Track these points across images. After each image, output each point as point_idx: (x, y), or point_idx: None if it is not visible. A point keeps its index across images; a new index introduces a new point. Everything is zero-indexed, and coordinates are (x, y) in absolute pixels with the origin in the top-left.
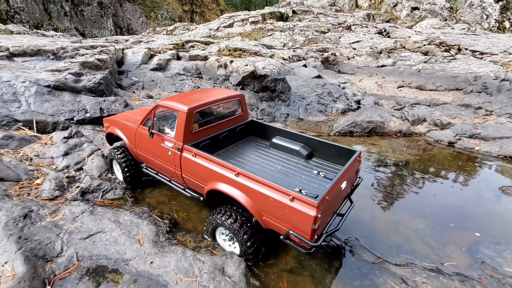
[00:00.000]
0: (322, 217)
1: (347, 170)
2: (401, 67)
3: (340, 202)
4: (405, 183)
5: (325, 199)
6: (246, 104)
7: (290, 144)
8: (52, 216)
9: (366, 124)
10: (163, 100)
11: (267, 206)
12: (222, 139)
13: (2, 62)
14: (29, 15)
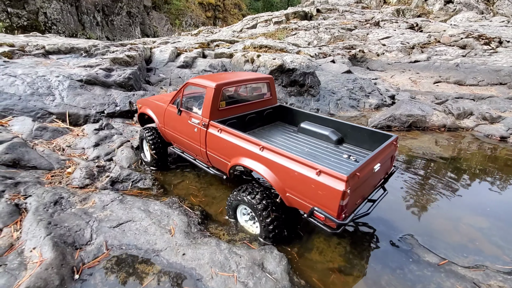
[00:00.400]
0: (351, 197)
1: (382, 151)
2: (436, 61)
3: (372, 186)
4: (459, 179)
5: (355, 175)
6: (275, 88)
7: (319, 129)
8: (82, 204)
9: (405, 117)
10: (193, 78)
11: (292, 181)
12: (248, 121)
13: (38, 59)
14: (65, 25)
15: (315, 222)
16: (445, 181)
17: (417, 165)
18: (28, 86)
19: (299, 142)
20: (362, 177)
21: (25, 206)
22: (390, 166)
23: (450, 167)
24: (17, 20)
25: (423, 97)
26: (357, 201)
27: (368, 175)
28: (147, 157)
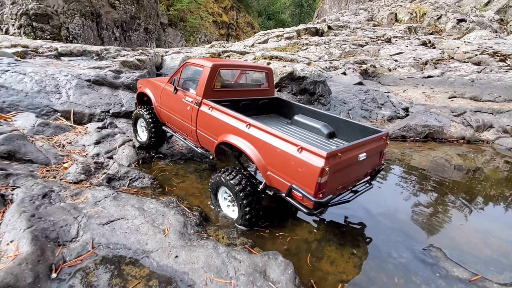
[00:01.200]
0: (331, 177)
1: (369, 142)
2: (451, 77)
3: (356, 175)
4: (485, 191)
5: (337, 155)
6: (273, 80)
7: (311, 122)
8: (73, 199)
9: (421, 128)
10: (192, 58)
11: (274, 159)
12: (242, 107)
13: (50, 60)
14: (85, 40)
15: (292, 202)
16: (470, 192)
17: (438, 175)
18: (36, 84)
19: (291, 133)
20: (343, 161)
21: (12, 197)
22: (379, 163)
23: (474, 179)
24: (41, 34)
25: (438, 110)
26: (338, 186)
27: (351, 161)
28: (141, 138)
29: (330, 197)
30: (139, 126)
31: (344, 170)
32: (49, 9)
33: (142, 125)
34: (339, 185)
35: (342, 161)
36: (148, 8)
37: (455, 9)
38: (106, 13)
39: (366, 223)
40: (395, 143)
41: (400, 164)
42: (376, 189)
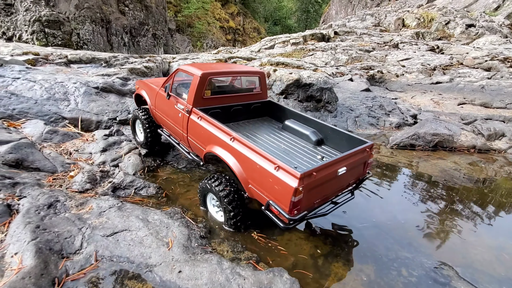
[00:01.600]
0: (307, 195)
1: (349, 156)
2: (460, 83)
3: (337, 188)
4: (498, 204)
5: (312, 175)
6: (266, 83)
7: (301, 128)
8: (78, 209)
9: (430, 136)
10: (184, 65)
11: (254, 173)
12: (233, 112)
13: (60, 67)
14: (95, 45)
15: (270, 215)
16: (482, 204)
17: (448, 186)
18: (46, 91)
19: (280, 139)
20: (320, 178)
21: (17, 207)
22: (363, 172)
23: (486, 191)
24: (52, 40)
25: (447, 117)
26: (316, 200)
27: (330, 177)
28: (139, 138)
29: (304, 214)
30: (137, 127)
31: (322, 186)
32: (61, 15)
33: (139, 126)
34: (316, 200)
35: (318, 179)
36: (157, 14)
37: (463, 14)
38: (116, 19)
39: (375, 237)
40: (404, 152)
41: (408, 174)
42: (385, 201)
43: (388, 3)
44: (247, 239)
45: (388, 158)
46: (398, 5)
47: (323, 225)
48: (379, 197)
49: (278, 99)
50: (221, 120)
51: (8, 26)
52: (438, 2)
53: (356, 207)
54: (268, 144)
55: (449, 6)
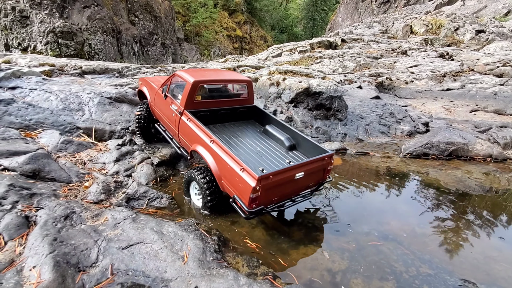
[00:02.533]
0: (265, 193)
1: (308, 163)
2: (472, 90)
3: (295, 189)
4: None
5: (269, 177)
6: (253, 90)
7: (278, 134)
8: (93, 220)
9: (444, 145)
10: (180, 70)
11: (225, 171)
12: (221, 115)
13: (74, 78)
14: (106, 55)
15: (235, 207)
16: (502, 219)
17: (466, 198)
18: (61, 102)
19: (258, 141)
20: (277, 180)
21: (35, 219)
22: (323, 177)
23: (506, 203)
24: (65, 50)
25: (460, 125)
26: (274, 198)
27: (287, 180)
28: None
29: (261, 208)
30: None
31: (279, 187)
32: (74, 26)
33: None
34: (274, 198)
35: (274, 181)
36: (166, 24)
37: (473, 20)
38: (126, 30)
39: (393, 252)
40: (417, 161)
41: (424, 185)
42: (401, 213)
43: (395, 10)
44: (262, 252)
45: (401, 168)
46: (405, 12)
47: (339, 238)
48: (395, 209)
49: (287, 107)
50: (209, 121)
51: (24, 37)
52: (446, 9)
53: (372, 219)
54: (246, 146)
55: (458, 12)
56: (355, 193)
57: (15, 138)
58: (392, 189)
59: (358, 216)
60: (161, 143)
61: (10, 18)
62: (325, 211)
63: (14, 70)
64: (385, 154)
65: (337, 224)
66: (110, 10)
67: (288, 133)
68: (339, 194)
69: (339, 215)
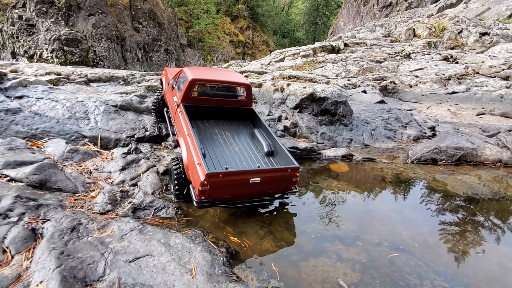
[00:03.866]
0: (215, 189)
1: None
2: (477, 93)
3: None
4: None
5: (218, 175)
6: (251, 93)
7: (261, 139)
8: (100, 232)
9: (453, 150)
10: (187, 67)
11: (190, 163)
12: (217, 112)
13: (80, 86)
14: (110, 61)
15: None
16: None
17: (477, 206)
18: (67, 110)
19: (241, 142)
20: (227, 180)
21: (42, 231)
22: (288, 187)
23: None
24: (70, 57)
25: (467, 129)
26: (226, 195)
27: (240, 182)
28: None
29: (209, 201)
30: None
31: (231, 186)
32: (79, 34)
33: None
34: (226, 195)
35: (224, 180)
36: (169, 31)
37: (476, 23)
38: (130, 36)
39: (406, 263)
40: (425, 167)
41: (433, 192)
42: (412, 221)
43: (397, 13)
44: (271, 264)
45: (409, 174)
46: (408, 15)
47: (349, 249)
48: (405, 217)
49: (292, 113)
50: (203, 116)
51: (30, 45)
52: (449, 11)
53: (382, 228)
54: (227, 144)
55: (461, 15)
56: (364, 201)
57: (22, 148)
58: (401, 197)
59: (367, 225)
60: (166, 151)
61: (16, 26)
62: (334, 221)
63: (21, 79)
64: (392, 159)
65: (347, 235)
66: (114, 17)
67: (270, 140)
68: (347, 203)
69: (348, 225)
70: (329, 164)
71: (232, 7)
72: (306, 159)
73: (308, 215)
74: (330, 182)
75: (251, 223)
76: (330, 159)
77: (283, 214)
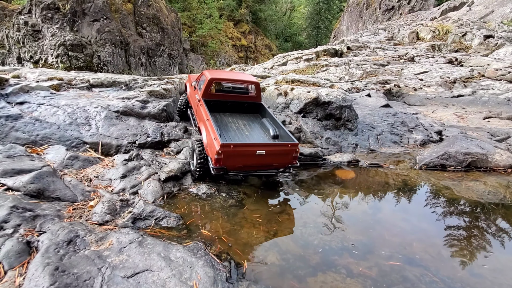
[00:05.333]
0: (227, 158)
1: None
2: (484, 96)
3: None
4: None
5: (230, 145)
6: (260, 90)
7: (269, 125)
8: (98, 245)
9: (462, 156)
10: (207, 70)
11: (209, 141)
12: (230, 105)
13: (82, 92)
14: (114, 66)
15: (210, 166)
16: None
17: (491, 215)
18: (68, 116)
19: (251, 128)
20: (238, 151)
21: (37, 244)
22: (290, 161)
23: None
24: (75, 62)
25: (475, 133)
26: (238, 165)
27: (248, 153)
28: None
29: (223, 168)
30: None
31: (241, 157)
32: (84, 39)
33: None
34: (238, 165)
35: (235, 150)
36: (172, 36)
37: (480, 26)
38: (134, 41)
39: (420, 279)
40: (434, 173)
41: (444, 200)
42: (424, 232)
43: (399, 17)
44: (277, 280)
45: (418, 181)
46: (410, 18)
47: (359, 262)
48: (417, 227)
49: (296, 118)
50: (219, 108)
51: (35, 51)
52: (452, 14)
53: (393, 240)
54: (238, 130)
55: (464, 17)
56: (372, 210)
57: (21, 155)
58: (411, 205)
59: (377, 236)
60: (167, 157)
61: (22, 32)
62: (342, 231)
63: (23, 85)
64: (399, 165)
65: (356, 247)
66: (118, 23)
67: (276, 126)
68: (354, 212)
69: (357, 236)
70: (335, 170)
71: (235, 12)
72: (311, 165)
73: (314, 225)
74: (336, 190)
75: (255, 233)
76: (336, 165)
77: (288, 224)
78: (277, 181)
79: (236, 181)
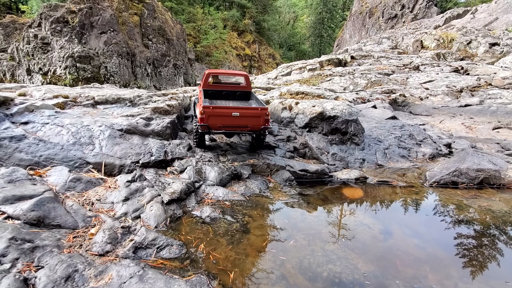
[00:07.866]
0: (209, 117)
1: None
2: (492, 105)
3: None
4: None
5: (210, 107)
6: (249, 80)
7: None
8: (97, 280)
9: (474, 173)
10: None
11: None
12: (225, 94)
13: (87, 109)
14: (120, 77)
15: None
16: None
17: (508, 237)
18: (72, 136)
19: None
20: (216, 111)
21: (34, 281)
22: (263, 123)
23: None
24: (83, 73)
25: (485, 145)
26: (218, 124)
27: (225, 114)
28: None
29: (206, 125)
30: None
31: (220, 117)
32: (91, 51)
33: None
34: (218, 124)
35: (214, 111)
36: (177, 46)
37: (485, 33)
38: (140, 52)
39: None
40: (446, 190)
41: (460, 222)
42: (440, 262)
43: (402, 25)
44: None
45: (430, 200)
46: (414, 26)
47: None
48: (431, 255)
49: (301, 133)
50: (216, 97)
51: (44, 63)
52: (456, 22)
53: (405, 270)
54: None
55: (468, 25)
56: (383, 235)
57: (23, 179)
58: (423, 228)
59: (389, 266)
60: (171, 177)
61: (32, 45)
62: (351, 261)
63: (28, 104)
64: (409, 182)
65: (368, 278)
66: (125, 35)
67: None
68: (364, 237)
69: (368, 266)
70: (342, 188)
71: (239, 22)
72: (317, 182)
73: (322, 254)
74: (344, 211)
75: (261, 263)
76: (343, 182)
77: (295, 253)
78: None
79: (240, 203)
